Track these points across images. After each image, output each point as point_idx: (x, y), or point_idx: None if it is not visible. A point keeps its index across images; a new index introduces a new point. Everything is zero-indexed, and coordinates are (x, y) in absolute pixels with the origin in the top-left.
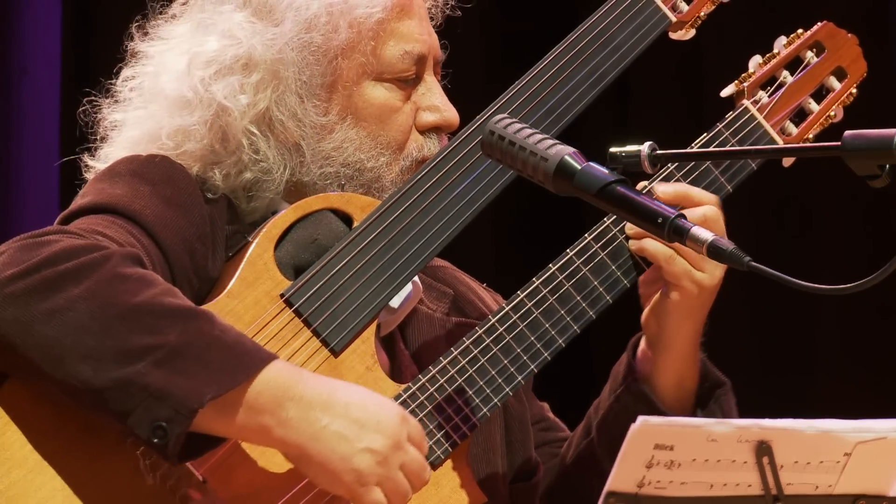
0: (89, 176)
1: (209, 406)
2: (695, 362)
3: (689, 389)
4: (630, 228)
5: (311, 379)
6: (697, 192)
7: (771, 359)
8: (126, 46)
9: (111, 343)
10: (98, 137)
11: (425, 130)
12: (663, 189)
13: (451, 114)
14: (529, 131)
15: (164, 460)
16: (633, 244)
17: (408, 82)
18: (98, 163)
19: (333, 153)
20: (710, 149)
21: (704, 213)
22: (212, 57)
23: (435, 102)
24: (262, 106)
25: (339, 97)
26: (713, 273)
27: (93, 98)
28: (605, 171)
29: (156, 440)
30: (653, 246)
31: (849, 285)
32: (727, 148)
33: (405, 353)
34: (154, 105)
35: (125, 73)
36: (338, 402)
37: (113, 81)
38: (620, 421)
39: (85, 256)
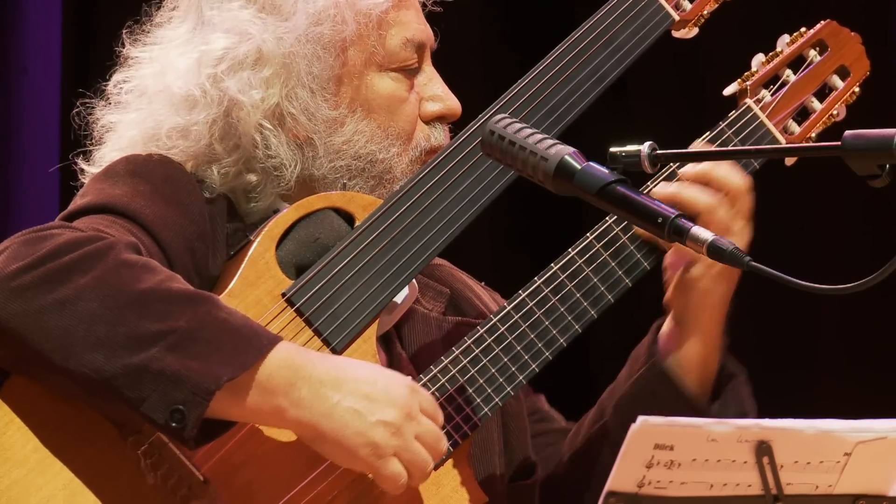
0: (85, 179)
1: (224, 389)
2: (718, 345)
3: (711, 373)
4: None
5: (319, 358)
6: (722, 173)
7: (771, 358)
8: (121, 50)
9: (123, 330)
10: (93, 140)
11: (429, 120)
12: (684, 170)
13: (453, 102)
14: (529, 131)
15: (182, 444)
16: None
17: (411, 72)
18: (93, 167)
19: (344, 146)
20: (710, 149)
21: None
22: (222, 54)
23: (437, 92)
24: (274, 101)
25: (348, 90)
26: (742, 234)
27: (88, 101)
28: (605, 170)
29: (173, 424)
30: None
31: (849, 285)
32: (726, 148)
33: (402, 354)
34: (156, 105)
35: (118, 76)
36: (347, 379)
37: (108, 84)
38: (641, 400)
39: (88, 246)
